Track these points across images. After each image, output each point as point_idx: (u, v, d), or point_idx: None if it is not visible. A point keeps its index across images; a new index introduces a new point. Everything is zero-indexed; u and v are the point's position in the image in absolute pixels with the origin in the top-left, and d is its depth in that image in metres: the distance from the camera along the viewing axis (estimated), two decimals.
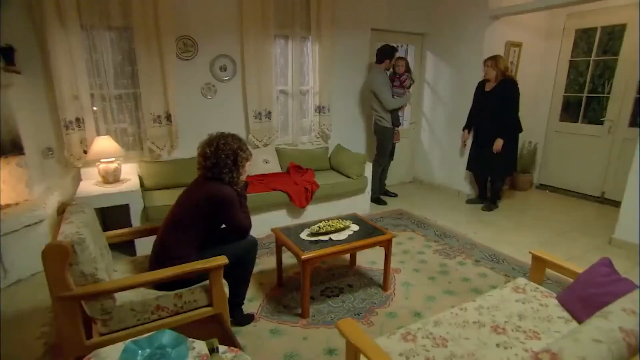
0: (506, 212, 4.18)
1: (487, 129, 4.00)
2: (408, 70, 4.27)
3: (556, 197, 4.72)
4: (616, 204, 4.18)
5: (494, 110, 3.89)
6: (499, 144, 3.88)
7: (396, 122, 4.22)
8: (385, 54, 4.13)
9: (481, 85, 4.08)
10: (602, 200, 4.44)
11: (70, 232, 1.55)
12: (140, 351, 1.25)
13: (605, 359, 0.91)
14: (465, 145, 4.40)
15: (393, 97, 4.14)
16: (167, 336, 1.30)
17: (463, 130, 4.33)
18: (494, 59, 3.84)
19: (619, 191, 4.09)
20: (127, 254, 2.93)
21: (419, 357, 1.40)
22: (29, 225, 2.68)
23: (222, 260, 1.80)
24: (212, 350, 1.22)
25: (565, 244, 3.38)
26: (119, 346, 1.39)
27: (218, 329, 1.49)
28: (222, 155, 1.94)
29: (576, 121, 4.66)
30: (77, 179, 3.27)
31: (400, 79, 4.20)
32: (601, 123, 4.38)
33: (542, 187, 5.00)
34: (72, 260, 1.53)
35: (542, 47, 4.73)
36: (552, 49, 4.70)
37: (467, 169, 4.37)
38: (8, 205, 2.76)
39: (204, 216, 1.93)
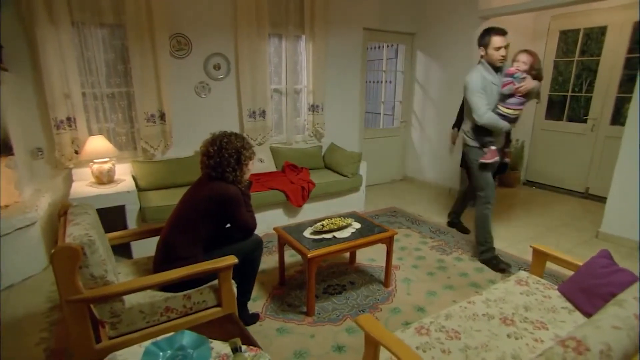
0: (496, 208, 4.24)
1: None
2: (536, 70, 2.69)
3: (543, 193, 4.88)
4: (600, 199, 4.36)
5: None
6: None
7: (481, 142, 2.86)
8: (480, 39, 2.78)
9: None
10: (586, 195, 4.61)
11: (79, 234, 1.51)
12: (161, 353, 1.24)
13: (625, 344, 0.96)
14: (454, 143, 4.47)
15: (497, 108, 2.73)
16: (187, 337, 1.29)
17: (452, 128, 4.38)
18: None
19: (603, 187, 4.28)
20: (124, 256, 2.87)
21: (435, 349, 1.43)
22: (20, 228, 2.59)
23: (232, 260, 1.79)
24: (235, 350, 1.22)
25: (555, 238, 3.49)
26: (135, 349, 1.37)
27: (234, 329, 1.48)
28: (225, 154, 1.92)
29: (561, 119, 4.82)
30: (68, 179, 3.18)
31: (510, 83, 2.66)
32: (584, 121, 4.54)
33: (529, 183, 5.16)
34: (82, 262, 1.49)
35: (528, 47, 4.84)
36: (537, 49, 4.79)
37: (461, 166, 4.43)
38: None
39: (210, 216, 1.91)
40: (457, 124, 4.32)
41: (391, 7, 4.59)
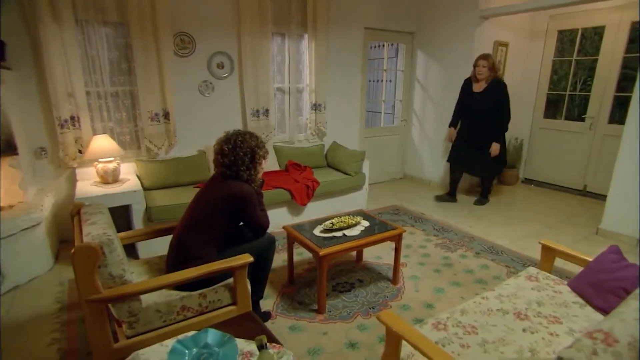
0: (496, 206, 4.34)
1: (479, 131, 4.01)
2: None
3: (541, 190, 4.94)
4: (597, 196, 4.44)
5: (487, 113, 3.90)
6: (496, 148, 3.94)
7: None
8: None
9: (468, 84, 4.09)
10: (584, 193, 4.68)
11: (97, 234, 1.50)
12: (186, 351, 1.24)
13: None
14: (452, 141, 4.44)
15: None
16: (212, 335, 1.29)
17: (449, 127, 4.35)
18: (487, 58, 3.85)
19: (600, 184, 4.36)
20: (130, 256, 2.84)
21: (454, 344, 1.45)
22: (26, 229, 2.57)
23: (248, 258, 1.80)
24: (261, 347, 1.23)
25: (555, 235, 3.54)
26: (156, 347, 1.38)
27: (255, 327, 1.49)
28: (240, 153, 1.93)
29: (559, 118, 4.88)
30: (72, 179, 3.15)
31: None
32: (582, 120, 4.61)
33: (528, 181, 5.22)
34: (101, 262, 1.48)
35: (527, 47, 4.93)
36: (536, 49, 4.91)
37: (448, 161, 4.39)
38: (2, 208, 2.63)
39: (224, 215, 1.91)
40: (454, 123, 4.32)
41: (392, 6, 4.61)
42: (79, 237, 1.62)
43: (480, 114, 3.97)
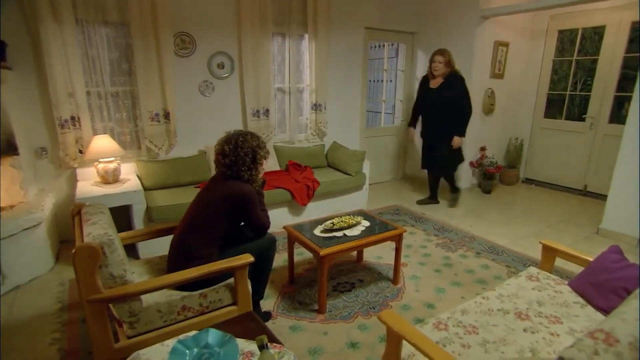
0: (497, 205, 4.34)
1: (438, 127, 3.91)
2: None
3: (541, 190, 4.94)
4: (598, 196, 4.44)
5: (444, 108, 3.79)
6: (458, 141, 3.83)
7: None
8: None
9: (425, 81, 3.99)
10: (584, 193, 4.68)
11: (98, 234, 1.50)
12: (187, 351, 1.24)
13: None
14: (412, 141, 4.33)
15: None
16: (212, 335, 1.29)
17: (408, 126, 4.26)
18: (444, 53, 3.74)
19: (601, 184, 4.35)
20: (130, 256, 2.83)
21: (455, 344, 1.45)
22: (27, 229, 2.57)
23: (248, 258, 1.80)
24: (262, 347, 1.23)
25: (556, 234, 3.54)
26: (157, 347, 1.38)
27: (256, 327, 1.49)
28: (241, 153, 1.92)
29: (559, 118, 4.88)
30: (72, 179, 3.15)
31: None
32: (583, 120, 4.61)
33: (528, 181, 5.22)
34: (102, 262, 1.48)
35: (527, 46, 4.93)
36: (536, 49, 4.91)
37: (422, 167, 4.32)
38: (3, 208, 2.63)
39: (226, 215, 1.91)
40: (413, 122, 4.23)
41: (392, 6, 4.61)
42: (79, 237, 1.63)
43: (438, 110, 3.85)
